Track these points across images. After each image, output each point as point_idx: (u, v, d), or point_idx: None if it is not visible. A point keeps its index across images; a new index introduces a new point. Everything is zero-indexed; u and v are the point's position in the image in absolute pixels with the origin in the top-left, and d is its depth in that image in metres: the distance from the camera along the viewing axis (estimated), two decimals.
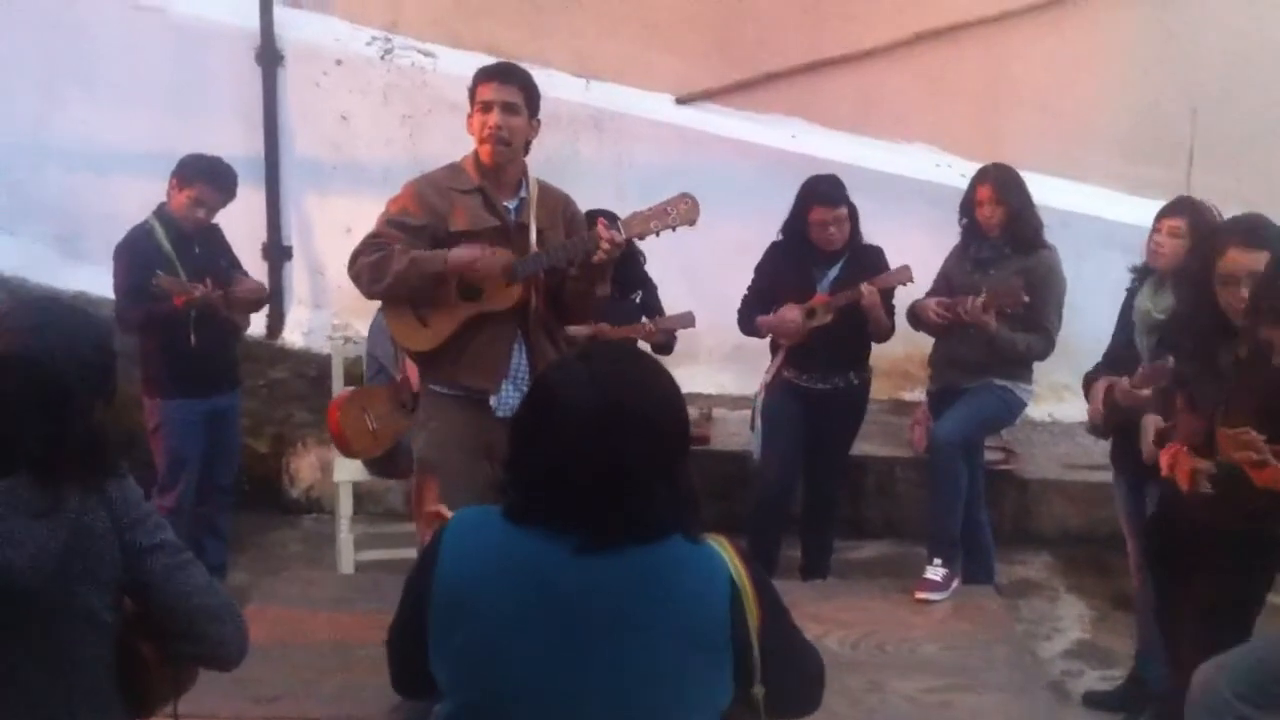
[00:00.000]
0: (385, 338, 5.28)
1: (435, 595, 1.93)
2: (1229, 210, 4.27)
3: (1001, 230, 4.94)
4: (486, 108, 3.98)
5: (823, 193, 5.06)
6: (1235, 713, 3.22)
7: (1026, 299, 4.75)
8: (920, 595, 4.62)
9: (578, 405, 1.90)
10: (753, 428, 5.38)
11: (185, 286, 4.98)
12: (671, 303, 5.48)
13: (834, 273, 5.11)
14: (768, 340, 5.32)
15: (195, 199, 5.09)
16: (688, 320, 5.34)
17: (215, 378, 5.26)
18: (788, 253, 5.20)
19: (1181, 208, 4.35)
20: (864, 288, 4.94)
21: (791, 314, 5.08)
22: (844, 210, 5.06)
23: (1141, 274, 4.46)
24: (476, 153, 4.06)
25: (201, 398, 5.19)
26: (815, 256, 5.14)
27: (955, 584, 4.76)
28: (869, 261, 5.14)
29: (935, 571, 4.74)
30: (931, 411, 5.28)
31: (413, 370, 5.17)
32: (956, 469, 4.91)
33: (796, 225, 5.13)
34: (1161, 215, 4.37)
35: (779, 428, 5.24)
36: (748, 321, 5.27)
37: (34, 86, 7.25)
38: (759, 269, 5.30)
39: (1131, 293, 4.52)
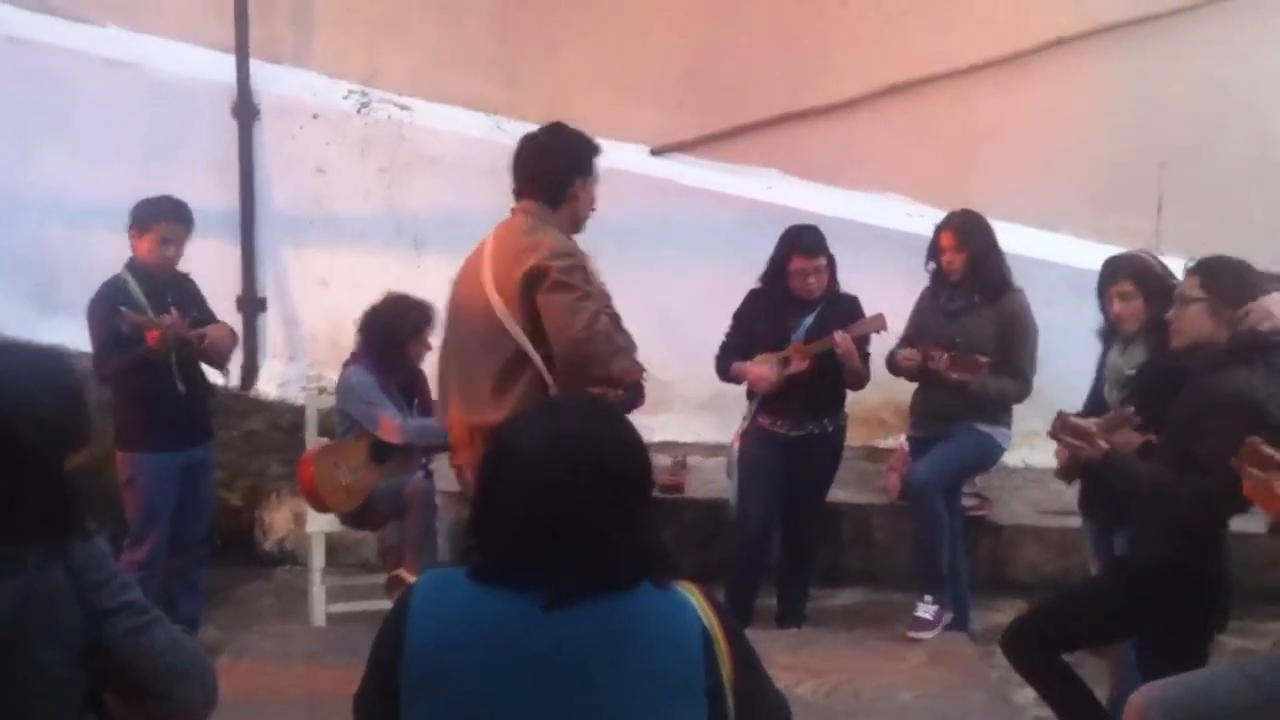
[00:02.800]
0: (354, 395, 5.28)
1: (405, 661, 1.91)
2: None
3: (964, 276, 5.02)
4: None
5: (805, 243, 5.14)
6: None
7: (985, 360, 4.82)
8: (912, 634, 4.68)
9: (534, 463, 1.91)
10: (729, 475, 5.41)
11: (154, 320, 4.96)
12: (646, 353, 5.48)
13: (809, 321, 5.17)
14: (744, 388, 5.36)
15: (161, 238, 5.07)
16: None
17: (190, 430, 5.23)
18: (765, 300, 5.26)
19: (1119, 269, 4.37)
20: (837, 336, 5.01)
21: (765, 369, 5.12)
22: (823, 261, 5.14)
23: (1108, 335, 4.49)
24: None
25: (176, 450, 5.16)
26: (792, 305, 5.19)
27: (946, 618, 4.81)
28: (844, 310, 5.20)
29: (926, 609, 4.80)
30: (913, 457, 5.32)
31: (389, 426, 5.18)
32: (935, 508, 4.96)
33: (776, 273, 5.19)
34: (1104, 283, 4.39)
35: (756, 475, 5.27)
36: (724, 368, 5.32)
37: (9, 141, 7.25)
38: (737, 315, 5.36)
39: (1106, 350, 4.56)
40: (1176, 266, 4.35)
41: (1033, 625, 4.06)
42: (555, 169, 4.01)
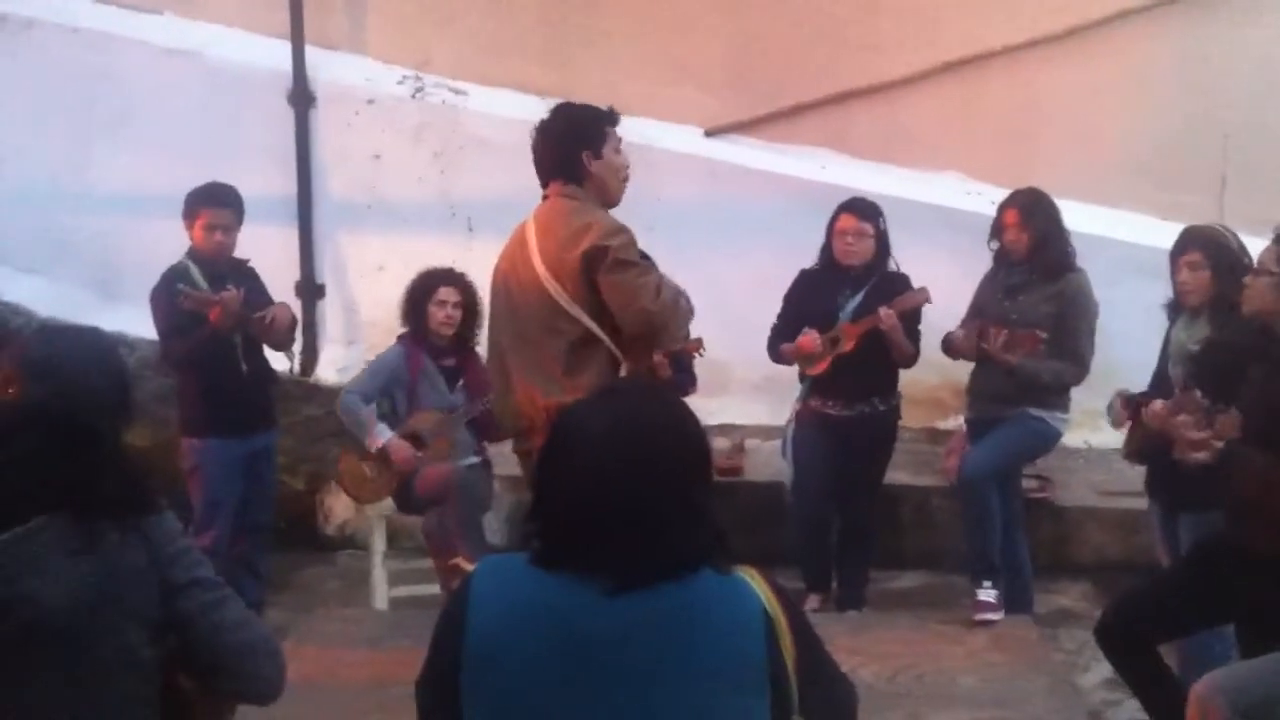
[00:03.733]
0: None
1: (466, 648, 1.90)
2: (1262, 235, 4.24)
3: (1028, 255, 4.97)
4: None
5: (855, 204, 5.21)
6: None
7: (1043, 336, 4.76)
8: (980, 616, 4.68)
9: (596, 448, 1.90)
10: (784, 456, 5.41)
11: (214, 297, 5.03)
12: (701, 334, 5.49)
13: (858, 300, 5.16)
14: (796, 369, 5.35)
15: (206, 225, 5.16)
16: None
17: (254, 418, 5.30)
18: (815, 279, 5.27)
19: (1192, 240, 4.32)
20: (882, 312, 5.01)
21: (812, 342, 5.11)
22: (869, 227, 5.15)
23: (1174, 309, 4.44)
24: None
25: (240, 438, 5.22)
26: (840, 282, 5.19)
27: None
28: (893, 289, 5.18)
29: (988, 593, 4.79)
30: (970, 439, 5.28)
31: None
32: (986, 500, 4.93)
33: (828, 243, 5.21)
34: (1176, 253, 4.35)
35: (810, 457, 5.28)
36: (775, 349, 5.32)
37: (70, 132, 7.34)
38: (787, 297, 5.38)
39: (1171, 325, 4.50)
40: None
41: (1128, 616, 3.93)
42: (560, 147, 4.01)
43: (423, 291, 5.41)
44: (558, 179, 4.02)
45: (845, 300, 5.18)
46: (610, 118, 4.06)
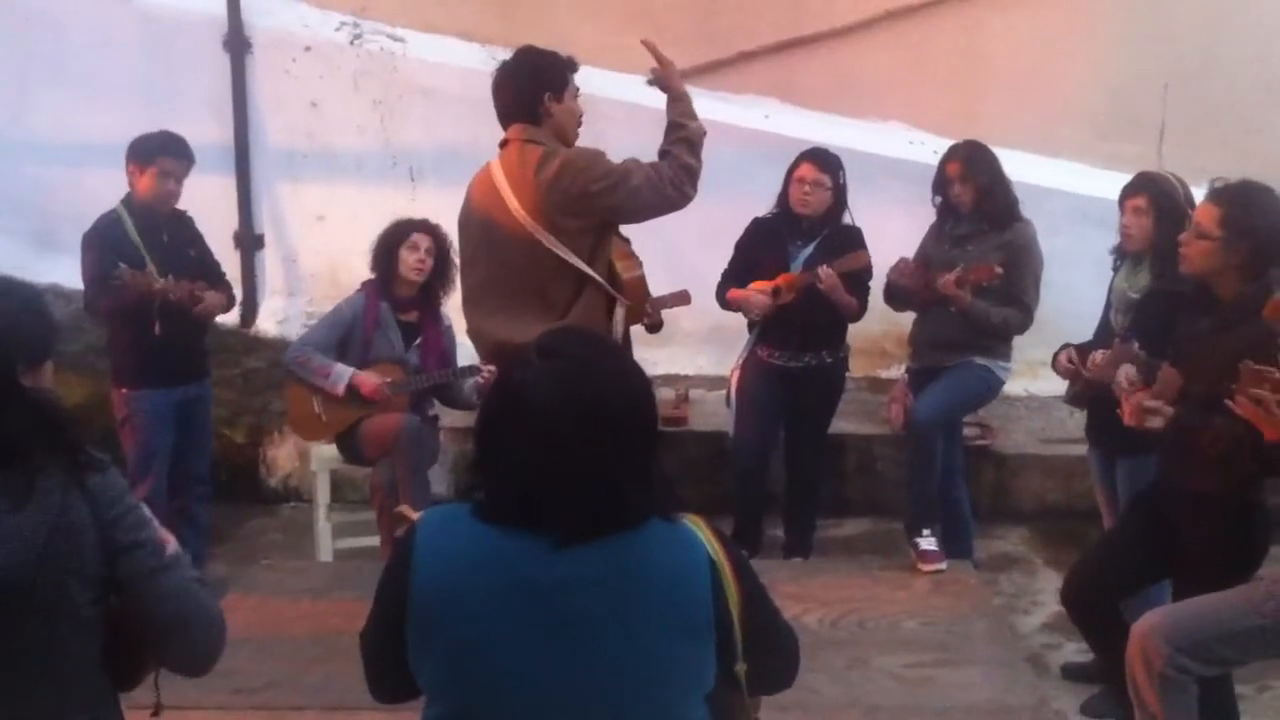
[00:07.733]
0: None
1: (412, 600, 1.89)
2: (1199, 184, 4.28)
3: (973, 207, 4.98)
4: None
5: (817, 154, 5.19)
6: (1174, 664, 3.28)
7: (1000, 271, 4.78)
8: (928, 567, 4.68)
9: (540, 405, 1.87)
10: (728, 405, 5.42)
11: (148, 281, 4.94)
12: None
13: (809, 250, 5.15)
14: (744, 320, 5.35)
15: (162, 173, 5.04)
16: None
17: (183, 367, 5.23)
18: (767, 228, 5.25)
19: (1141, 185, 4.35)
20: (821, 271, 5.00)
21: (759, 292, 5.11)
22: (828, 179, 5.12)
23: (1119, 254, 4.48)
24: None
25: (170, 387, 5.16)
26: (793, 233, 5.17)
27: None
28: (844, 242, 5.17)
29: (929, 541, 4.81)
30: (912, 389, 5.31)
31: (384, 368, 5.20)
32: (934, 448, 4.96)
33: (784, 191, 5.19)
34: (1124, 196, 4.38)
35: (753, 406, 5.29)
36: (722, 296, 5.32)
37: (4, 80, 7.18)
38: (739, 244, 5.37)
39: (1116, 272, 4.54)
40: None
41: (1086, 581, 3.98)
42: (523, 88, 4.07)
43: (396, 237, 5.28)
44: (519, 121, 4.06)
45: (796, 251, 5.17)
46: (571, 65, 4.16)
